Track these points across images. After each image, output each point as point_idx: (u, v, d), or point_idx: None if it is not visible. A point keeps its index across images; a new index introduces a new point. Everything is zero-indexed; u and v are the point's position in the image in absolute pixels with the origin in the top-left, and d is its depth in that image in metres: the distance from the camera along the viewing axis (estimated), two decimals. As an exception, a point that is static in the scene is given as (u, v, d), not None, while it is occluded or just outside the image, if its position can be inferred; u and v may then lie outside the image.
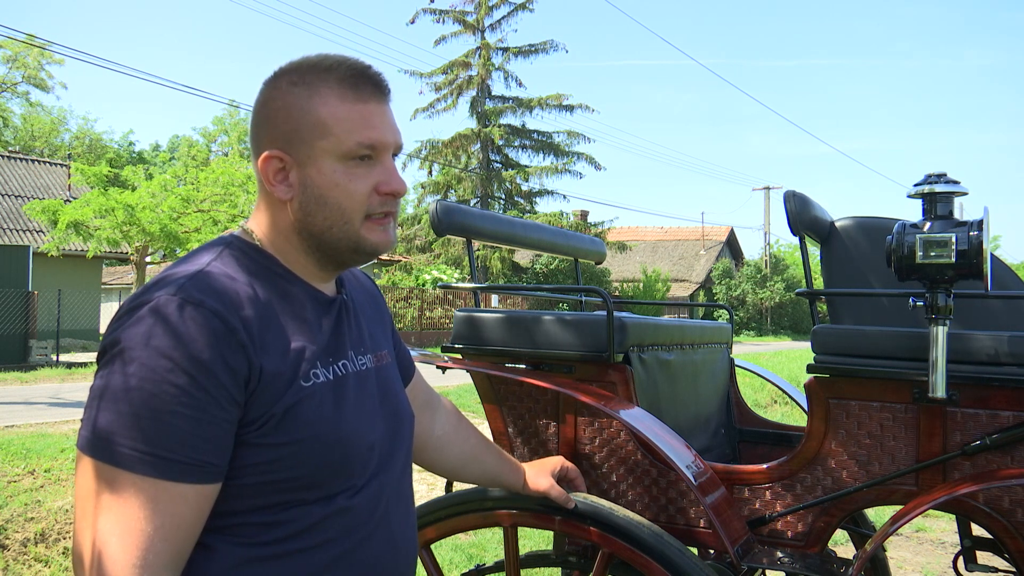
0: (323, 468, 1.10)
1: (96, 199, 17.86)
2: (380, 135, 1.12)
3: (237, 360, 1.02)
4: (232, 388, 1.02)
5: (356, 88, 1.12)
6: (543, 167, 27.98)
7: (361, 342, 1.24)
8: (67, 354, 17.18)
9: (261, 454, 1.06)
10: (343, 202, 1.12)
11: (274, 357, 1.06)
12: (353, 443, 1.13)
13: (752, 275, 38.26)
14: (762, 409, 10.29)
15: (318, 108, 1.10)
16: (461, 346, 2.10)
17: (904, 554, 4.84)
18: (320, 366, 1.12)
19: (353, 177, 1.12)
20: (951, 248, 1.55)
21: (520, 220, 2.61)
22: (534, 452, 2.08)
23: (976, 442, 1.64)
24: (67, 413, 7.96)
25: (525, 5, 27.76)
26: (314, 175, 1.11)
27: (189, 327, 1.00)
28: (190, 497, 1.00)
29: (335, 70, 1.12)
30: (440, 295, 23.81)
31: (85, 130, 43.17)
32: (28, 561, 4.28)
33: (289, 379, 1.07)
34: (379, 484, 1.19)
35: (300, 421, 1.07)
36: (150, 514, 0.97)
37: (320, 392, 1.10)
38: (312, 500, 1.10)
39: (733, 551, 1.69)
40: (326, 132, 1.10)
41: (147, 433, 0.97)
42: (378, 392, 1.24)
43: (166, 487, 0.98)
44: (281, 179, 1.13)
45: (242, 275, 1.10)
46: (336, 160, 1.11)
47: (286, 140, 1.12)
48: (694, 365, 2.37)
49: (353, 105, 1.11)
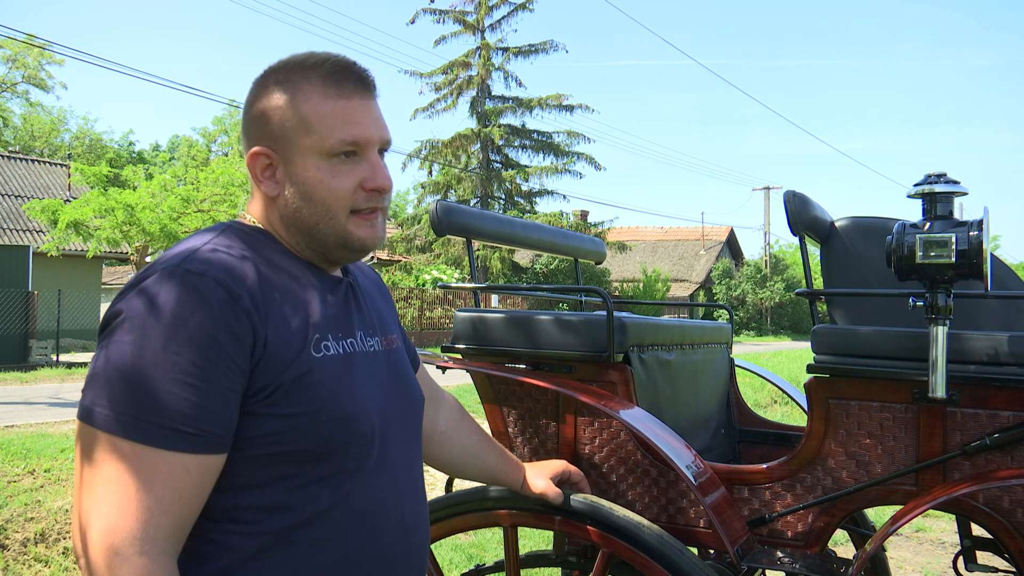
0: (329, 442, 1.09)
1: (96, 199, 17.85)
2: (363, 131, 1.13)
3: (242, 328, 1.02)
4: (237, 356, 1.01)
5: (339, 84, 1.13)
6: (543, 167, 27.95)
7: (369, 324, 1.24)
8: (67, 354, 17.18)
9: (268, 425, 1.05)
10: (328, 198, 1.13)
11: (280, 327, 1.06)
12: (360, 420, 1.12)
13: (752, 275, 38.26)
14: (762, 409, 10.29)
15: (301, 106, 1.12)
16: (461, 346, 2.10)
17: (904, 554, 4.84)
18: (331, 339, 1.12)
19: (337, 174, 1.13)
20: (951, 248, 1.55)
21: (520, 220, 2.61)
22: (534, 452, 2.08)
23: (976, 442, 1.64)
24: (67, 413, 7.96)
25: (525, 5, 27.73)
26: (299, 172, 1.12)
27: (192, 296, 1.00)
28: (192, 468, 0.99)
29: (319, 67, 1.13)
30: (440, 295, 23.81)
31: (85, 130, 43.16)
32: (28, 561, 4.28)
33: (297, 349, 1.07)
34: (388, 470, 1.18)
35: (308, 392, 1.06)
36: (150, 485, 0.97)
37: (330, 365, 1.10)
38: (318, 479, 1.09)
39: (733, 551, 1.69)
40: (309, 130, 1.11)
41: (148, 402, 0.97)
42: (387, 374, 1.23)
43: (167, 457, 0.97)
44: (268, 175, 1.15)
45: (245, 250, 1.11)
46: (320, 157, 1.12)
47: (272, 138, 1.13)
48: (694, 365, 2.37)
49: (336, 102, 1.12)
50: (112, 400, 0.97)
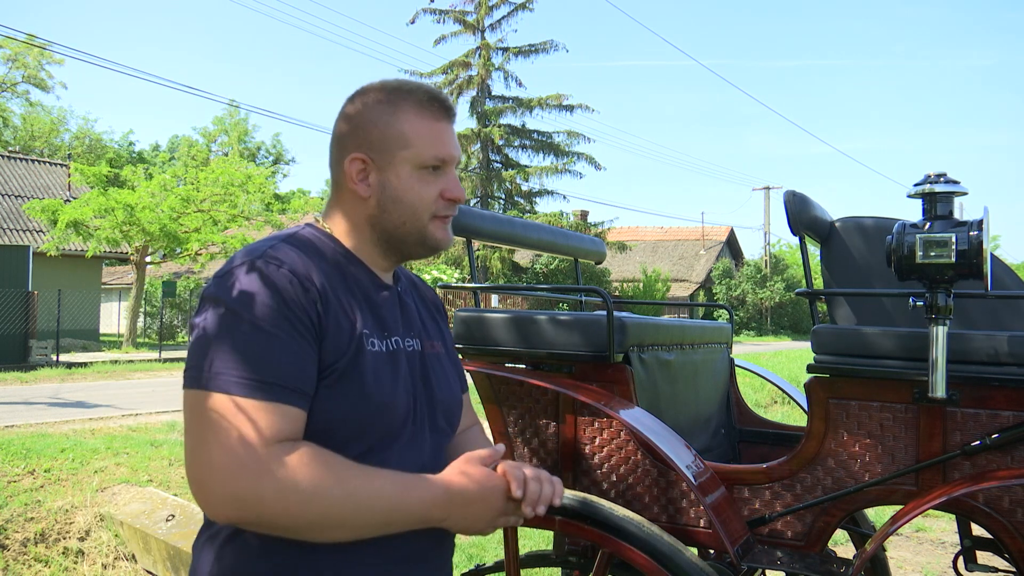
0: (366, 427, 1.21)
1: (96, 199, 17.86)
2: (449, 151, 1.33)
3: (312, 311, 1.17)
4: (313, 331, 1.16)
5: (432, 109, 1.32)
6: (543, 167, 27.97)
7: (411, 327, 1.36)
8: (67, 354, 17.18)
9: (319, 407, 1.16)
10: (416, 203, 1.30)
11: (339, 318, 1.21)
12: (394, 410, 1.24)
13: (752, 275, 38.27)
14: (762, 409, 10.29)
15: (401, 123, 1.29)
16: (461, 346, 2.10)
17: (904, 554, 4.84)
18: (377, 337, 1.26)
19: (425, 183, 1.31)
20: (951, 248, 1.55)
21: (520, 220, 2.62)
22: (534, 452, 2.08)
23: (976, 442, 1.64)
24: (67, 413, 7.97)
25: (525, 5, 27.75)
26: (392, 179, 1.30)
27: (274, 279, 1.16)
28: (296, 419, 1.12)
29: (415, 93, 1.32)
30: (440, 295, 23.82)
31: (85, 130, 43.18)
32: (28, 561, 4.29)
33: (349, 340, 1.20)
34: (416, 458, 1.27)
35: (358, 381, 1.19)
36: (262, 432, 1.09)
37: (373, 359, 1.23)
38: (353, 459, 1.17)
39: (733, 551, 1.69)
40: (407, 144, 1.29)
41: (251, 362, 1.10)
42: (423, 372, 1.34)
43: (278, 408, 1.10)
44: (362, 178, 1.31)
45: (312, 251, 1.26)
46: (413, 168, 1.30)
47: (370, 147, 1.30)
48: (694, 365, 2.37)
49: (431, 123, 1.31)
50: (218, 366, 1.10)
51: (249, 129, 44.44)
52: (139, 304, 20.39)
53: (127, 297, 26.85)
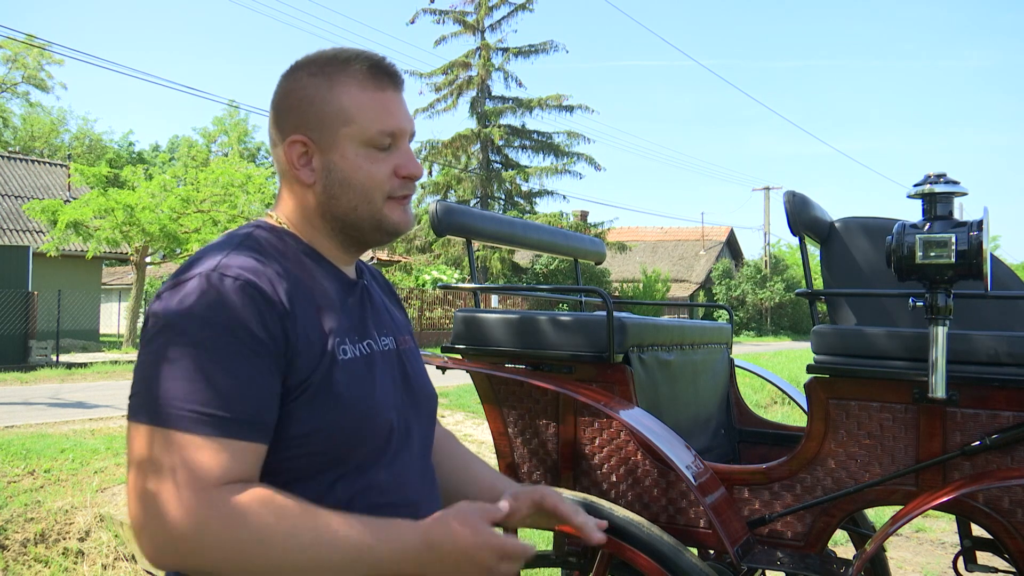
0: (350, 441, 1.12)
1: (96, 199, 17.84)
2: (399, 123, 1.19)
3: (275, 328, 1.05)
4: (274, 351, 1.05)
5: (375, 79, 1.19)
6: (543, 167, 27.94)
7: (383, 324, 1.28)
8: (67, 354, 17.17)
9: (296, 427, 1.07)
10: (366, 184, 1.18)
11: (308, 330, 1.10)
12: (378, 418, 1.16)
13: (752, 275, 38.26)
14: (762, 409, 10.29)
15: (340, 97, 1.17)
16: (461, 346, 2.10)
17: (904, 554, 4.84)
18: (349, 343, 1.16)
19: (375, 161, 1.18)
20: (951, 248, 1.55)
21: (520, 220, 2.62)
22: (534, 452, 2.08)
23: (976, 442, 1.64)
24: (67, 413, 7.96)
25: (525, 5, 27.73)
26: (338, 160, 1.17)
27: (230, 296, 1.03)
28: (249, 456, 1.01)
29: (354, 62, 1.19)
30: (440, 295, 23.81)
31: (85, 130, 43.17)
32: (28, 561, 4.28)
33: (321, 352, 1.10)
34: (404, 465, 1.20)
35: (334, 393, 1.10)
36: (208, 473, 0.98)
37: (353, 367, 1.14)
38: (339, 476, 1.11)
39: (733, 551, 1.69)
40: (349, 120, 1.17)
41: (198, 393, 0.99)
42: (399, 372, 1.26)
43: (228, 445, 0.99)
44: (304, 163, 1.19)
45: (272, 254, 1.15)
46: (359, 145, 1.17)
47: (308, 127, 1.17)
48: (694, 365, 2.37)
49: (373, 94, 1.18)
50: (165, 396, 0.99)
51: (249, 129, 44.41)
52: (139, 305, 20.37)
53: (127, 297, 26.84)
